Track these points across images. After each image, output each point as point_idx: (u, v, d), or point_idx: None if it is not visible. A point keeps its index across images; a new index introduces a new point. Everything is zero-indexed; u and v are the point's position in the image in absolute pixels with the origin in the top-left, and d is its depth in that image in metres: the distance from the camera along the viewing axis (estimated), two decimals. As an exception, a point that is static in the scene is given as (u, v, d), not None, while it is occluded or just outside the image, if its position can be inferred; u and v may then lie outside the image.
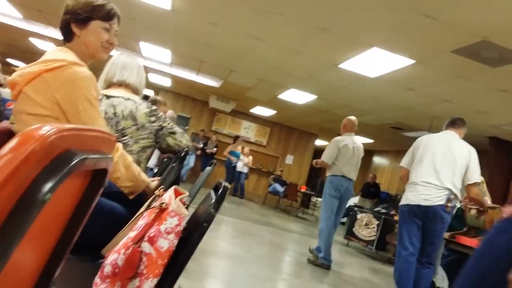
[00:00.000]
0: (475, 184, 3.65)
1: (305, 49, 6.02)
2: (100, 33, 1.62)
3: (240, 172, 12.06)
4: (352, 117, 5.49)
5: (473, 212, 4.91)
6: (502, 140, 8.46)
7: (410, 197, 3.71)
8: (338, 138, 5.39)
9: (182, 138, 2.30)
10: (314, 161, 5.63)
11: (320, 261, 5.05)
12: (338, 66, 6.27)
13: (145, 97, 2.83)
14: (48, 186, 0.53)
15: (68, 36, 1.62)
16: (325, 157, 5.35)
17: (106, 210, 1.71)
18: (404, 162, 3.93)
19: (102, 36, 1.63)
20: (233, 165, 12.03)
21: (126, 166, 1.67)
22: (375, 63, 5.82)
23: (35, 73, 1.44)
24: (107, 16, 1.64)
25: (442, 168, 3.62)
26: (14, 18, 8.23)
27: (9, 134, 1.49)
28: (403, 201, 3.82)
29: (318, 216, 12.97)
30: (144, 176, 1.79)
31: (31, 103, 1.44)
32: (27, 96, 1.44)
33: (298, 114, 11.41)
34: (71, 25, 1.60)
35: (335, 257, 6.00)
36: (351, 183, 5.27)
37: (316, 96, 8.80)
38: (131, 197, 1.75)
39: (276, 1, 4.61)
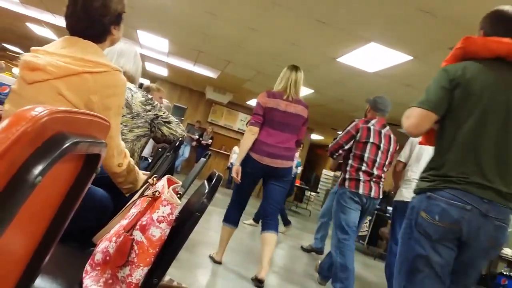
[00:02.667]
0: None
1: (303, 42, 6.01)
2: (123, 27, 1.65)
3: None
4: None
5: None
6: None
7: (404, 194, 3.73)
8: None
9: (177, 128, 2.29)
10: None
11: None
12: (336, 60, 6.26)
13: (140, 86, 2.82)
14: (39, 168, 0.52)
15: (102, 37, 1.56)
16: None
17: (96, 197, 1.70)
18: (403, 156, 3.93)
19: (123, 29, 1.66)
20: (292, 175, 10.28)
21: (129, 171, 1.69)
22: (373, 58, 5.81)
23: (75, 71, 1.39)
24: (125, 8, 1.66)
25: None
26: (11, 2, 8.14)
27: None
28: (397, 197, 3.84)
29: (311, 211, 13.03)
30: (141, 175, 1.81)
31: (59, 98, 1.38)
32: (56, 90, 1.37)
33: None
34: (111, 27, 1.57)
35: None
36: None
37: (313, 91, 8.79)
38: (127, 194, 1.76)
39: (275, -7, 4.58)
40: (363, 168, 3.43)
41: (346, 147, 3.50)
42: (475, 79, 1.74)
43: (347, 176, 3.47)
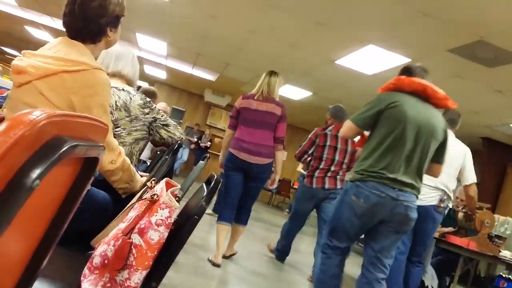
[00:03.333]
0: (472, 184, 3.69)
1: (302, 44, 6.02)
2: (120, 31, 1.64)
3: None
4: None
5: (461, 215, 4.95)
6: (495, 141, 8.51)
7: None
8: None
9: (175, 131, 2.29)
10: None
11: None
12: (335, 62, 6.27)
13: (137, 88, 2.81)
14: (37, 172, 0.51)
15: (97, 38, 1.55)
16: None
17: (95, 200, 1.69)
18: None
19: (119, 33, 1.65)
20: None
21: (124, 169, 1.66)
22: (371, 60, 5.83)
23: (52, 71, 1.38)
24: (124, 11, 1.64)
25: None
26: (9, 5, 8.14)
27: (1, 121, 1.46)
28: None
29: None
30: (138, 176, 1.79)
31: (41, 99, 1.38)
32: (38, 91, 1.38)
33: (293, 110, 11.39)
34: (107, 29, 1.56)
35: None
36: None
37: (312, 93, 8.80)
38: (124, 196, 1.74)
39: (274, -4, 4.59)
40: (321, 166, 4.15)
41: (310, 151, 4.22)
42: (400, 105, 2.46)
43: (305, 174, 4.29)
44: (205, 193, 1.09)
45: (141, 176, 1.86)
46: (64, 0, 1.62)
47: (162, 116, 2.25)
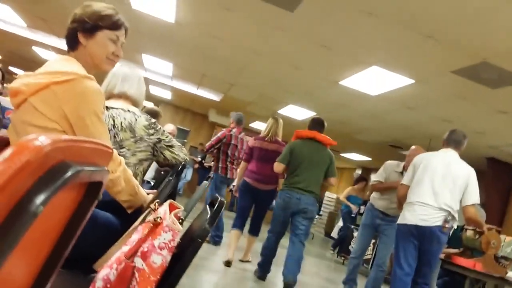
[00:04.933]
0: (472, 205, 3.64)
1: (306, 65, 6.06)
2: (106, 45, 1.59)
3: None
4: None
5: (470, 233, 4.88)
6: (500, 161, 8.46)
7: (407, 217, 3.69)
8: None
9: (179, 152, 2.29)
10: None
11: None
12: (339, 83, 6.30)
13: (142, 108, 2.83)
14: (41, 198, 0.52)
15: (73, 46, 1.59)
16: None
17: (99, 222, 1.69)
18: (405, 179, 3.90)
19: (108, 48, 1.60)
20: (352, 215, 8.68)
21: (126, 180, 1.64)
22: (375, 81, 5.85)
23: (43, 85, 1.39)
24: (115, 25, 1.61)
25: (440, 190, 3.60)
26: (18, 26, 8.28)
27: (8, 143, 1.47)
28: (400, 220, 3.80)
29: (314, 233, 12.90)
30: (142, 191, 1.77)
31: (37, 114, 1.40)
32: (33, 107, 1.40)
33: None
34: (77, 34, 1.56)
35: (330, 274, 5.95)
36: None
37: (315, 113, 8.82)
38: (129, 211, 1.72)
39: (278, 17, 4.65)
40: (228, 160, 5.59)
41: (217, 147, 5.57)
42: (298, 147, 4.37)
43: (219, 165, 5.60)
44: (208, 216, 1.08)
45: (148, 194, 1.84)
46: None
47: (166, 137, 2.26)
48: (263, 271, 4.62)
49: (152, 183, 4.97)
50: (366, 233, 4.74)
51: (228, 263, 4.63)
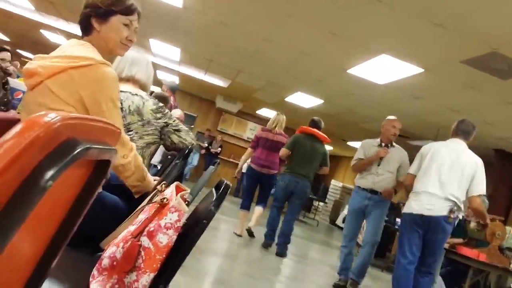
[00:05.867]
0: (478, 196, 3.63)
1: (314, 53, 6.02)
2: (120, 29, 1.60)
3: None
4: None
5: (473, 225, 4.87)
6: (508, 152, 8.41)
7: (413, 206, 3.70)
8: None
9: (186, 136, 2.30)
10: None
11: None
12: (347, 71, 6.26)
13: (150, 93, 2.84)
14: (50, 173, 0.52)
15: (87, 30, 1.60)
16: None
17: (107, 203, 1.71)
18: (412, 169, 3.90)
19: (122, 33, 1.61)
20: None
21: (136, 166, 1.67)
22: (384, 70, 5.80)
23: (60, 68, 1.41)
24: (128, 10, 1.62)
25: (447, 180, 3.59)
26: (26, 9, 8.28)
27: (17, 123, 1.48)
28: (405, 209, 3.81)
29: (319, 221, 12.96)
30: (150, 177, 1.80)
31: (53, 98, 1.41)
32: (49, 90, 1.41)
33: (304, 118, 11.39)
34: (91, 19, 1.57)
35: (333, 261, 5.98)
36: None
37: (323, 101, 8.79)
38: (136, 196, 1.75)
39: (288, 3, 4.61)
40: None
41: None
42: (301, 139, 5.34)
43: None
44: (214, 198, 1.09)
45: (154, 180, 1.87)
46: (78, 6, 1.66)
47: (174, 121, 2.28)
48: (268, 239, 5.49)
49: (159, 167, 5.00)
50: (355, 218, 4.53)
51: (239, 235, 5.74)
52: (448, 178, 3.60)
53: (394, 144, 4.54)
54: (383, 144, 4.48)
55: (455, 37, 4.24)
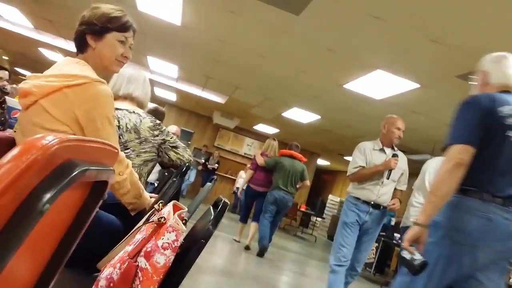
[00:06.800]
0: None
1: (311, 68, 6.07)
2: (115, 46, 1.60)
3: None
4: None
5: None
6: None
7: (405, 219, 3.81)
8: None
9: (184, 153, 2.30)
10: None
11: None
12: (343, 86, 6.30)
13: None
14: (47, 196, 0.52)
15: (82, 48, 1.60)
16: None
17: (103, 222, 1.70)
18: (416, 186, 4.09)
19: (117, 50, 1.61)
20: None
21: (132, 183, 1.66)
22: (379, 85, 5.84)
23: (55, 87, 1.40)
24: (123, 27, 1.62)
25: None
26: (25, 27, 8.33)
27: (14, 143, 1.48)
28: (403, 223, 3.87)
29: (317, 236, 12.88)
30: (146, 194, 1.79)
31: (48, 117, 1.41)
32: (44, 109, 1.41)
33: (301, 133, 11.42)
34: (86, 36, 1.58)
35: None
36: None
37: (320, 116, 8.82)
38: (133, 213, 1.74)
39: (283, 20, 4.66)
40: None
41: None
42: (282, 160, 6.30)
43: None
44: (212, 217, 1.09)
45: (150, 197, 1.86)
46: (77, 24, 1.67)
47: (171, 138, 2.27)
48: (261, 247, 6.09)
49: (156, 185, 4.98)
50: (353, 234, 3.73)
51: (238, 241, 6.76)
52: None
53: (395, 148, 4.00)
54: (384, 148, 3.92)
55: (450, 52, 4.28)
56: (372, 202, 3.70)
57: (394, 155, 3.84)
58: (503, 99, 2.00)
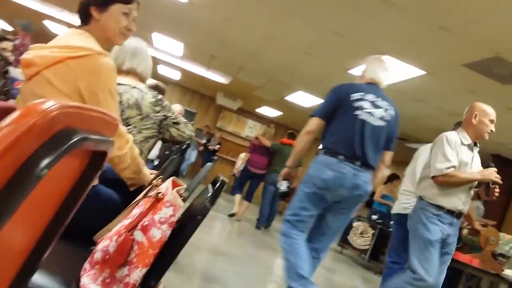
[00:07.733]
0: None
1: (317, 52, 6.02)
2: (119, 19, 1.59)
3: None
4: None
5: (465, 231, 4.88)
6: (505, 158, 8.42)
7: (395, 206, 3.83)
8: None
9: (185, 129, 2.28)
10: None
11: None
12: (348, 71, 6.26)
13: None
14: (45, 161, 0.52)
15: (86, 20, 1.58)
16: None
17: (101, 196, 1.70)
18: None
19: (121, 22, 1.59)
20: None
21: (132, 158, 1.66)
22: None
23: (58, 58, 1.40)
24: None
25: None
26: (30, -1, 8.26)
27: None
28: (393, 210, 3.91)
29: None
30: (146, 170, 1.79)
31: (51, 88, 1.40)
32: (46, 80, 1.40)
33: (304, 117, 11.36)
34: (90, 8, 1.56)
35: (328, 263, 5.98)
36: None
37: (323, 100, 8.78)
38: (131, 188, 1.74)
39: (294, 2, 4.60)
40: None
41: None
42: (282, 146, 7.05)
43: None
44: (209, 194, 1.09)
45: (150, 173, 1.86)
46: None
47: (172, 113, 2.25)
48: (261, 222, 7.08)
49: (156, 162, 5.00)
50: (437, 252, 2.96)
51: (232, 215, 7.27)
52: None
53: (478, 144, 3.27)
54: (473, 145, 3.23)
55: (458, 40, 4.24)
56: (456, 212, 2.99)
57: (490, 166, 3.13)
58: (360, 87, 2.86)
